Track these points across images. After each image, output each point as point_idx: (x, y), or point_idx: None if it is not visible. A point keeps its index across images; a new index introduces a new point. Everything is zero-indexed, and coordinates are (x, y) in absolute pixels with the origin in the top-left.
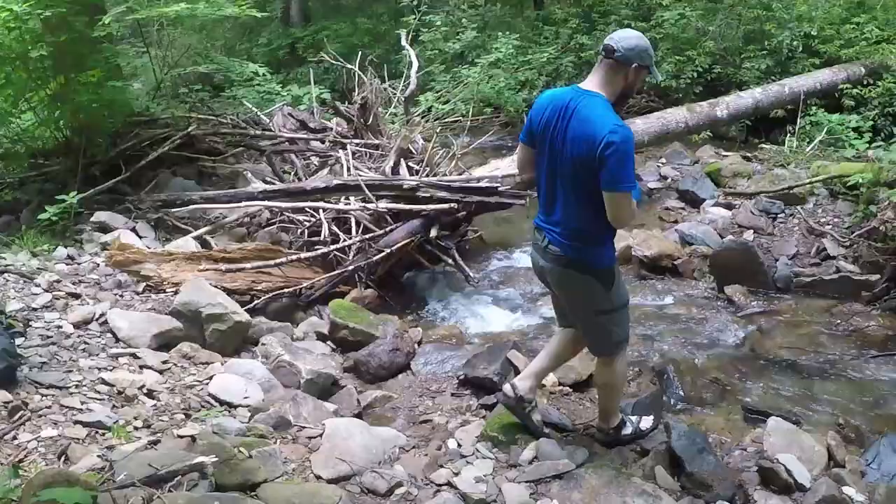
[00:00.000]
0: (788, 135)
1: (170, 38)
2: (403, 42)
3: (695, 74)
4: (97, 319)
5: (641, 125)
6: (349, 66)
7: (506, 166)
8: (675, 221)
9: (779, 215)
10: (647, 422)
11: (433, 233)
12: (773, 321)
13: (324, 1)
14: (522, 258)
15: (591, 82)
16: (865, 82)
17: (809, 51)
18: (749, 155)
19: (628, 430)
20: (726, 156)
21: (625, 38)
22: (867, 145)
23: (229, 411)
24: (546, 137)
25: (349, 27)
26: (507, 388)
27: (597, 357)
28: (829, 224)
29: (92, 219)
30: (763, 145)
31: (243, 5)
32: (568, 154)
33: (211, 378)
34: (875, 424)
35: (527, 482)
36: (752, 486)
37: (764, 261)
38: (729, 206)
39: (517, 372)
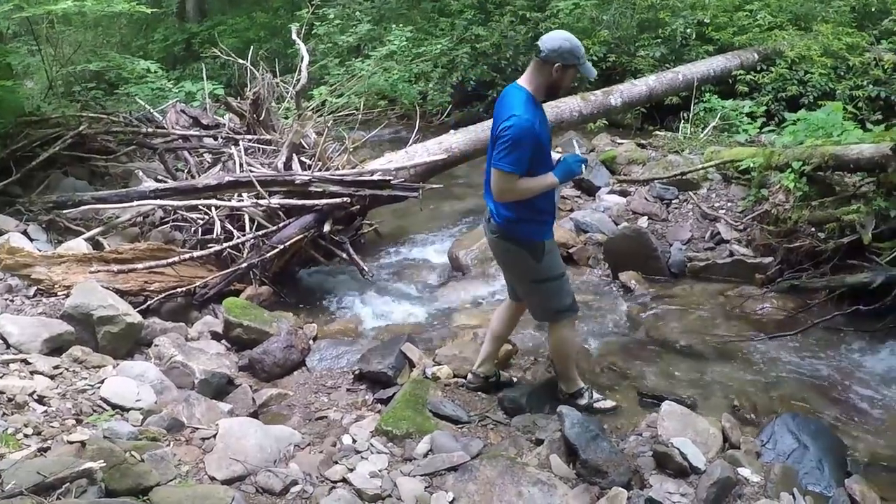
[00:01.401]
0: (683, 121)
1: (61, 35)
2: (294, 36)
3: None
4: None
5: None
6: (241, 61)
7: (399, 159)
8: (571, 210)
9: (673, 201)
10: (605, 403)
11: (327, 227)
12: (668, 306)
13: None
14: (417, 250)
15: (523, 78)
16: (759, 68)
17: (703, 38)
18: (644, 142)
19: (584, 400)
20: (621, 143)
21: (550, 39)
22: (758, 130)
23: (121, 415)
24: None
25: (245, 21)
26: (469, 377)
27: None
28: (722, 208)
29: None
30: (658, 132)
31: (133, 1)
32: (492, 136)
33: (103, 382)
34: (769, 405)
35: (422, 475)
36: (648, 470)
37: (658, 246)
38: (624, 194)
39: (412, 365)
